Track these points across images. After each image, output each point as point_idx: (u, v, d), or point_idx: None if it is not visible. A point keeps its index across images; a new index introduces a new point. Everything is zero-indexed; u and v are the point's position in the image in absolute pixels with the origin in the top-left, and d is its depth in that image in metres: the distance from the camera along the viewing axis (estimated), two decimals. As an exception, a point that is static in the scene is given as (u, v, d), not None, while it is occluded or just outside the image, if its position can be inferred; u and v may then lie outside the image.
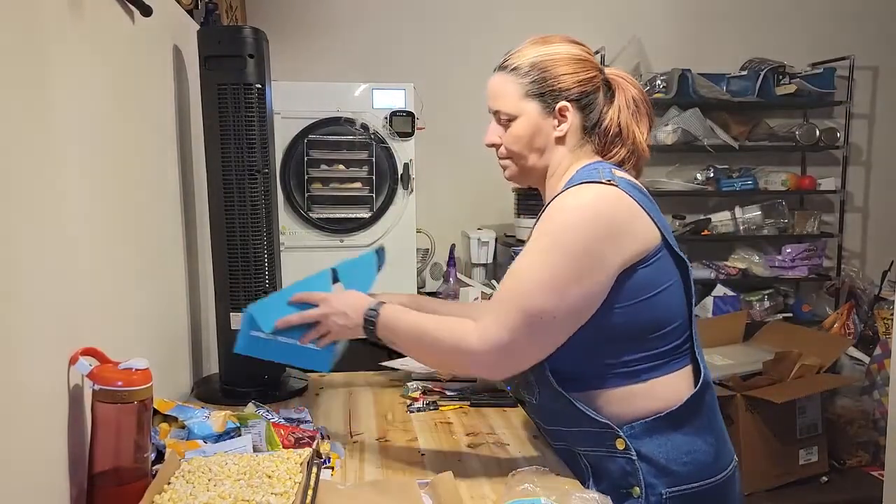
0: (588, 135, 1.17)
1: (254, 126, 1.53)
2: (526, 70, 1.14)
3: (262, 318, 1.18)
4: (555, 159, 1.18)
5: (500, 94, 1.17)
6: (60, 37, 0.90)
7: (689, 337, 1.12)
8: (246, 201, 1.54)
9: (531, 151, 1.17)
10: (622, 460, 1.08)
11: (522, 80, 1.14)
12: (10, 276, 0.73)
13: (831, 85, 3.16)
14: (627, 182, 1.10)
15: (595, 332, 1.06)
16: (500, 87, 1.17)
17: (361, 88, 2.31)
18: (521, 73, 1.14)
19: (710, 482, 1.09)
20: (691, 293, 1.13)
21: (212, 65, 1.52)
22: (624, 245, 1.04)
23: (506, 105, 1.16)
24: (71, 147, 0.92)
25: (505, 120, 1.17)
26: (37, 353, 0.79)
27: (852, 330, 3.05)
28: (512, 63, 1.16)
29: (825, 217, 3.36)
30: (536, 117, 1.15)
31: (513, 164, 1.21)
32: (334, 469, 1.16)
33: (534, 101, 1.14)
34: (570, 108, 1.14)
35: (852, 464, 2.64)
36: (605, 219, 1.04)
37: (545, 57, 1.14)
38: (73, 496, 0.88)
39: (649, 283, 1.06)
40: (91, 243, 0.99)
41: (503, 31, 3.10)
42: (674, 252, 1.10)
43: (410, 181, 2.32)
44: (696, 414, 1.10)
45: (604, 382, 1.09)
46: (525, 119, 1.15)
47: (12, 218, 0.74)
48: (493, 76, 1.19)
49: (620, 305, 1.05)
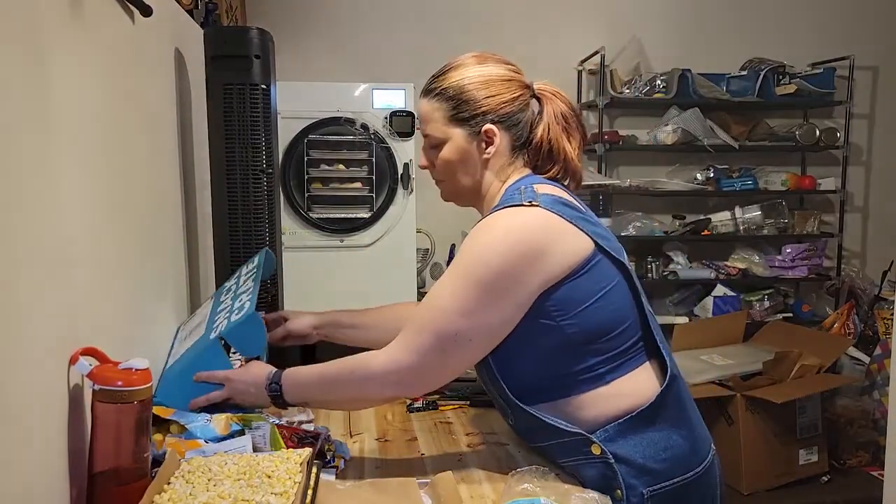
0: (518, 151, 1.18)
1: (259, 126, 1.53)
2: (449, 95, 1.15)
3: (168, 398, 1.15)
4: (486, 180, 1.19)
5: (427, 120, 1.18)
6: (60, 36, 0.90)
7: (644, 334, 1.13)
8: (249, 201, 1.54)
9: (462, 174, 1.18)
10: (601, 465, 1.07)
11: (446, 106, 1.15)
12: (9, 276, 0.73)
13: (831, 85, 3.16)
14: (551, 198, 1.10)
15: (548, 345, 1.08)
16: (426, 112, 1.18)
17: (361, 88, 2.31)
18: (444, 99, 1.15)
19: (691, 475, 1.10)
20: (637, 291, 1.13)
21: (218, 65, 1.52)
22: (545, 264, 1.05)
23: (433, 130, 1.17)
24: (70, 147, 0.92)
25: (434, 144, 1.18)
26: (37, 353, 0.79)
27: (852, 330, 3.06)
28: (435, 89, 1.17)
29: (825, 217, 3.36)
30: (463, 141, 1.16)
31: (446, 186, 1.23)
32: (339, 470, 1.15)
33: (459, 127, 1.15)
34: (496, 129, 1.15)
35: (852, 464, 2.65)
36: (521, 244, 1.05)
37: (466, 81, 1.15)
38: (73, 496, 0.88)
39: (588, 291, 1.07)
40: (91, 243, 0.99)
41: (503, 31, 3.10)
42: (611, 256, 1.10)
43: (410, 181, 2.32)
44: (667, 408, 1.10)
45: (569, 390, 1.10)
46: (452, 143, 1.16)
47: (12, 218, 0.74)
48: (420, 101, 1.19)
49: (565, 316, 1.07)
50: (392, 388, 1.12)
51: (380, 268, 2.34)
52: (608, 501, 0.95)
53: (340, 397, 1.19)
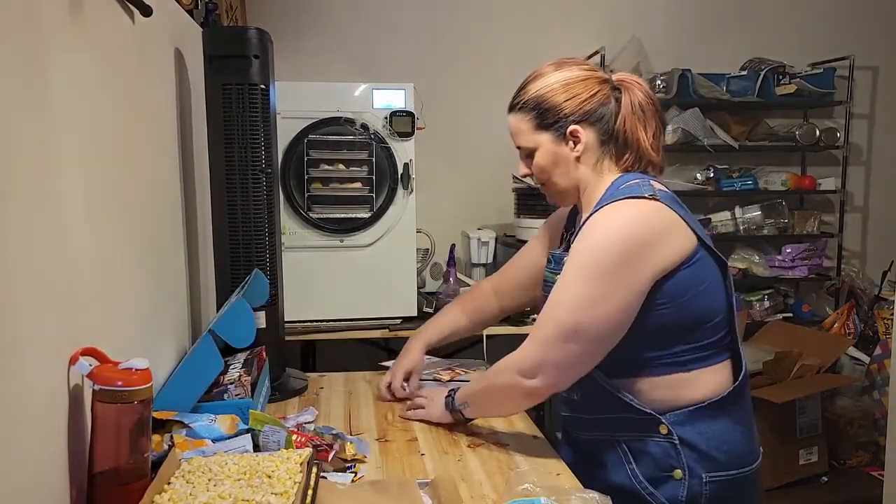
0: (607, 144, 1.24)
1: (258, 126, 1.53)
2: (531, 106, 1.24)
3: (168, 399, 1.14)
4: (583, 176, 1.26)
5: (516, 132, 1.28)
6: (60, 36, 0.90)
7: (730, 330, 1.20)
8: (249, 201, 1.55)
9: (559, 175, 1.26)
10: (666, 444, 1.15)
11: (530, 116, 1.25)
12: (9, 276, 0.73)
13: (831, 85, 3.16)
14: (667, 195, 1.17)
15: (642, 329, 1.14)
16: (514, 126, 1.28)
17: (361, 88, 2.30)
18: (527, 110, 1.25)
19: (744, 472, 1.17)
20: (731, 289, 1.21)
21: (217, 65, 1.52)
22: (659, 256, 1.11)
23: (523, 141, 1.27)
24: (70, 147, 0.92)
25: (528, 154, 1.27)
26: (37, 353, 0.79)
27: (852, 330, 3.05)
28: (518, 103, 1.27)
29: (825, 217, 3.35)
30: (552, 145, 1.24)
31: (548, 189, 1.31)
32: (357, 474, 1.15)
33: (545, 133, 1.24)
34: (580, 129, 1.22)
35: (852, 464, 2.64)
36: (640, 235, 1.11)
37: (545, 90, 1.23)
38: (73, 496, 0.88)
39: (690, 284, 1.14)
40: (91, 243, 0.99)
41: (503, 31, 3.10)
42: (712, 252, 1.18)
43: (410, 181, 2.32)
44: (735, 405, 1.18)
45: (651, 371, 1.17)
46: (543, 149, 1.25)
47: (12, 218, 0.74)
48: (508, 118, 1.29)
49: (665, 305, 1.13)
50: (523, 382, 1.18)
51: (380, 268, 2.34)
52: (608, 501, 0.95)
53: (494, 397, 1.28)
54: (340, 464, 1.16)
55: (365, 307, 2.35)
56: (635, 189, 1.15)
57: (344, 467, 1.16)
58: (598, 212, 1.16)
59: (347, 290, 2.33)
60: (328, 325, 2.32)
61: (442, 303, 2.52)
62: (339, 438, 1.20)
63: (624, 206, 1.13)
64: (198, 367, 1.19)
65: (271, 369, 1.53)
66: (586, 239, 1.14)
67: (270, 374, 1.53)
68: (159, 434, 1.06)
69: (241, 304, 1.35)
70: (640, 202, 1.13)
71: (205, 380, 1.19)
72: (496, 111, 3.08)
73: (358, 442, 1.24)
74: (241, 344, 1.32)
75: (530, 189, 2.59)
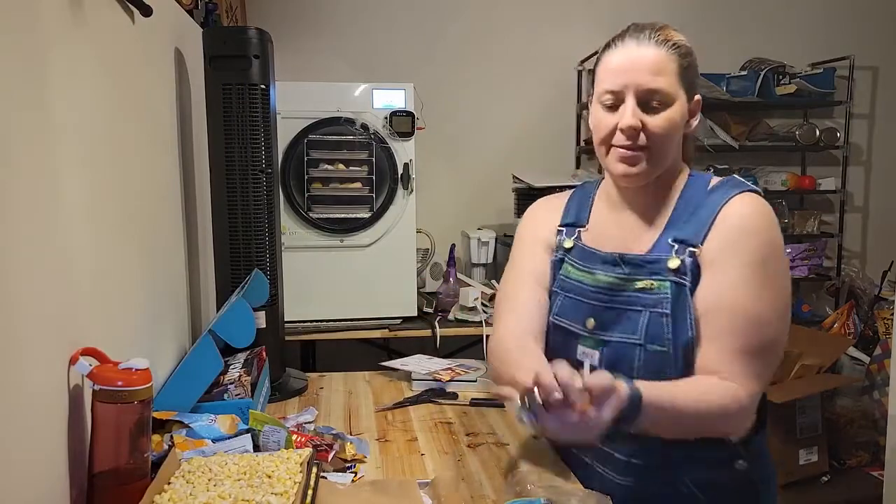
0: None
1: (258, 126, 1.53)
2: (683, 52, 1.05)
3: (168, 400, 1.14)
4: (676, 158, 1.11)
5: (662, 71, 1.03)
6: (60, 36, 0.90)
7: None
8: (249, 201, 1.55)
9: (672, 144, 1.07)
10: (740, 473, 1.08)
11: (680, 63, 1.05)
12: (10, 276, 0.73)
13: (831, 85, 3.16)
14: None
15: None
16: (660, 62, 1.03)
17: (361, 88, 2.30)
18: (679, 54, 1.05)
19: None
20: None
21: (217, 65, 1.52)
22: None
23: (666, 84, 1.03)
24: (70, 147, 0.92)
25: (657, 102, 1.03)
26: (37, 353, 0.79)
27: (852, 330, 3.05)
28: (671, 40, 1.05)
29: (825, 217, 3.35)
30: (684, 106, 1.07)
31: (648, 157, 1.05)
32: (357, 475, 1.15)
33: (681, 90, 1.05)
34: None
35: (852, 464, 2.64)
36: (779, 231, 1.04)
37: (689, 46, 1.08)
38: (73, 496, 0.88)
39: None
40: (91, 243, 0.99)
41: (503, 31, 3.10)
42: None
43: (410, 181, 2.32)
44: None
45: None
46: (679, 105, 1.05)
47: (12, 218, 0.74)
48: (648, 49, 1.04)
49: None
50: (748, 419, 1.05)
51: (380, 268, 2.34)
52: (608, 501, 0.95)
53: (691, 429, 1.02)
54: (340, 464, 1.16)
55: (365, 307, 2.35)
56: (741, 184, 1.07)
57: (344, 467, 1.15)
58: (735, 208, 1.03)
59: (347, 290, 2.33)
60: (328, 325, 2.32)
61: (442, 303, 2.52)
62: (339, 438, 1.20)
63: (760, 205, 1.03)
64: (198, 367, 1.19)
65: (271, 369, 1.53)
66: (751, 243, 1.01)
67: (270, 374, 1.53)
68: (159, 434, 1.06)
69: (241, 304, 1.35)
70: (762, 200, 1.05)
71: (205, 380, 1.19)
72: (496, 111, 3.11)
73: (358, 442, 1.24)
74: (240, 344, 1.32)
75: (530, 189, 2.59)
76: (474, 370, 1.65)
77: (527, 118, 3.11)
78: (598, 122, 1.08)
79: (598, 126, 1.07)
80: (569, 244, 1.19)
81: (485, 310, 2.42)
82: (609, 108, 1.06)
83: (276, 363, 1.60)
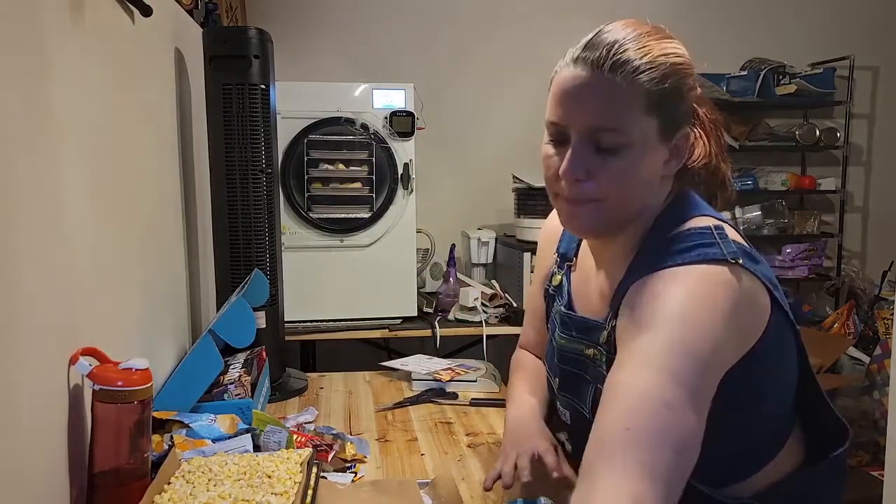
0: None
1: (258, 126, 1.54)
2: (659, 75, 0.82)
3: (168, 400, 1.13)
4: (650, 202, 0.87)
5: (617, 106, 0.80)
6: (60, 37, 0.90)
7: None
8: (249, 201, 1.55)
9: (639, 192, 0.84)
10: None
11: (654, 90, 0.81)
12: (9, 276, 0.73)
13: (831, 85, 3.16)
14: (744, 250, 0.82)
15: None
16: (619, 95, 0.80)
17: (361, 88, 2.30)
18: (652, 80, 0.81)
19: None
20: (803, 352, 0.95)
21: (217, 65, 1.52)
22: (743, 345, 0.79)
23: (624, 122, 0.80)
24: (70, 147, 0.92)
25: (610, 144, 0.81)
26: (37, 353, 0.79)
27: (852, 330, 3.05)
28: (639, 62, 0.81)
29: (825, 217, 3.35)
30: (655, 146, 0.83)
31: (598, 211, 0.84)
32: (357, 475, 1.15)
33: (654, 124, 0.81)
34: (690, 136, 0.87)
35: (852, 464, 2.64)
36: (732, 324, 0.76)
37: (678, 59, 0.86)
38: (73, 496, 0.88)
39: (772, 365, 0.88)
40: (91, 243, 0.99)
41: (503, 31, 3.10)
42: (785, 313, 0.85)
43: (410, 181, 2.32)
44: None
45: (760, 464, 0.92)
46: (644, 146, 0.81)
47: (12, 218, 0.74)
48: (598, 76, 0.81)
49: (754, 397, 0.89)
50: None
51: (380, 268, 2.34)
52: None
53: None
54: (340, 464, 1.16)
55: (365, 307, 2.36)
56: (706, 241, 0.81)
57: (344, 467, 1.15)
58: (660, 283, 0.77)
59: (347, 290, 2.33)
60: (328, 325, 2.32)
61: (442, 303, 2.52)
62: (339, 438, 1.20)
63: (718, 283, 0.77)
64: (198, 367, 1.19)
65: (271, 369, 1.53)
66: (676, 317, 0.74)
67: (270, 374, 1.53)
68: (159, 434, 1.06)
69: (241, 304, 1.35)
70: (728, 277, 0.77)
71: (205, 380, 1.19)
72: (496, 111, 3.11)
73: (358, 442, 1.24)
74: (240, 344, 1.32)
75: (530, 189, 2.59)
76: (474, 370, 1.65)
77: (527, 118, 3.11)
78: (543, 156, 0.87)
79: (544, 162, 0.88)
80: (557, 280, 1.04)
81: (485, 310, 2.43)
82: (555, 142, 0.85)
83: (276, 363, 1.60)
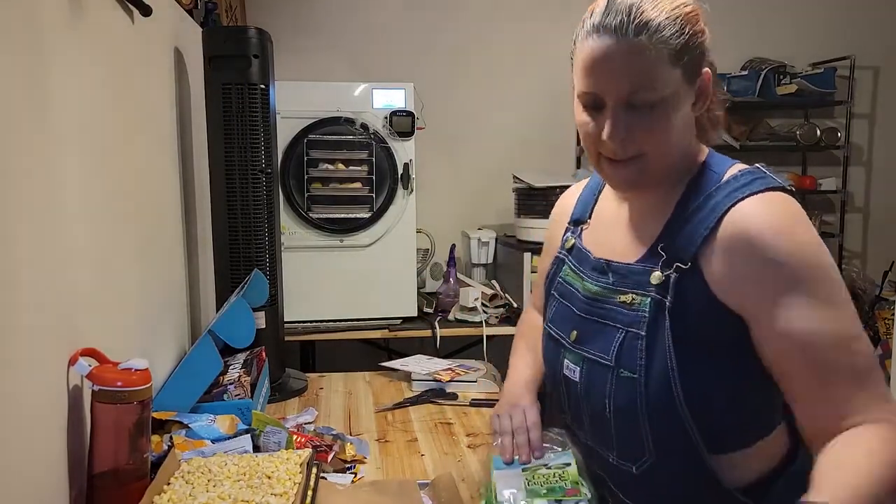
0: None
1: (258, 126, 1.53)
2: (674, 30, 0.84)
3: (168, 400, 1.13)
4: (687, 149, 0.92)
5: (645, 66, 0.84)
6: (60, 36, 0.90)
7: None
8: (249, 201, 1.55)
9: (678, 140, 0.89)
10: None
11: (673, 43, 0.84)
12: (9, 276, 0.73)
13: (832, 85, 3.16)
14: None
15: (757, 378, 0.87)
16: (645, 56, 0.83)
17: (361, 88, 2.30)
18: (670, 35, 0.84)
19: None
20: None
21: (216, 65, 1.52)
22: None
23: (654, 79, 0.84)
24: (70, 147, 0.92)
25: (644, 102, 0.85)
26: (36, 354, 0.79)
27: (853, 330, 3.05)
28: (657, 19, 0.84)
29: (826, 217, 3.35)
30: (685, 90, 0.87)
31: (644, 166, 0.89)
32: (357, 475, 1.15)
33: (680, 73, 0.85)
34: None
35: (853, 464, 2.64)
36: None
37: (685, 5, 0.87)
38: (73, 496, 0.88)
39: None
40: (91, 244, 0.99)
41: (503, 31, 3.10)
42: None
43: (410, 181, 2.32)
44: None
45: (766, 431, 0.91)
46: (676, 96, 0.86)
47: (12, 218, 0.74)
48: (622, 43, 0.84)
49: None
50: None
51: (380, 268, 2.34)
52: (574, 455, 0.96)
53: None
54: (340, 464, 1.16)
55: (365, 307, 2.36)
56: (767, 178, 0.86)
57: (344, 468, 1.15)
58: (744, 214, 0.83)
59: (347, 290, 2.33)
60: (328, 325, 2.32)
61: (442, 303, 2.52)
62: (339, 439, 1.20)
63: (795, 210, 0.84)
64: (197, 368, 1.19)
65: (271, 370, 1.53)
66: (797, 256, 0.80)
67: (270, 374, 1.53)
68: (159, 434, 1.06)
69: (241, 305, 1.35)
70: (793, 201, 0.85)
71: (204, 380, 1.19)
72: (496, 111, 3.10)
73: (358, 442, 1.24)
74: (240, 344, 1.32)
75: (530, 189, 2.59)
76: (474, 370, 1.65)
77: (527, 118, 3.11)
78: (580, 123, 0.92)
79: (582, 128, 0.92)
80: (570, 243, 1.07)
81: (485, 310, 2.42)
82: (589, 109, 0.90)
83: (275, 363, 1.60)
